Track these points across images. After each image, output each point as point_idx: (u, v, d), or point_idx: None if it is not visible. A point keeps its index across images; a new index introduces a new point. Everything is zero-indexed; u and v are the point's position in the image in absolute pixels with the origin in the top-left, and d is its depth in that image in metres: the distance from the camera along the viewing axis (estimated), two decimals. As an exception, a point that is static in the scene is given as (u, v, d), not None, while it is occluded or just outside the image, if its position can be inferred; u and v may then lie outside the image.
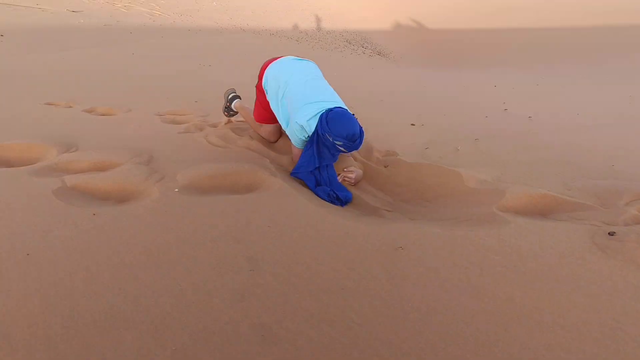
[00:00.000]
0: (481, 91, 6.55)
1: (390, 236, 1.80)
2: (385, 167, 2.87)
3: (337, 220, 1.97)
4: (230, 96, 3.49)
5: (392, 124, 3.87)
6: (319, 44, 12.35)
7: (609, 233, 1.75)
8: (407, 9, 18.00)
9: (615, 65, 9.29)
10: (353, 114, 2.53)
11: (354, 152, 3.03)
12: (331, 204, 2.33)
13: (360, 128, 2.44)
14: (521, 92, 6.32)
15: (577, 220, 1.94)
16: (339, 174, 2.67)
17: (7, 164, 2.49)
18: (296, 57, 2.90)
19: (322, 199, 2.38)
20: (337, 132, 2.35)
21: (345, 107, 2.57)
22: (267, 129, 3.09)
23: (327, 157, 2.53)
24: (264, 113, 3.00)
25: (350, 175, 2.66)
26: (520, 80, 7.95)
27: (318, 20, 15.46)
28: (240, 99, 3.50)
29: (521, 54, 12.29)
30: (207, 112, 3.99)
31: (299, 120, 2.48)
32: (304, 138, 2.57)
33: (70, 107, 3.84)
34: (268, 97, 2.84)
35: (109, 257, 1.59)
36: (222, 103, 4.12)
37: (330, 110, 2.45)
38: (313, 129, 2.47)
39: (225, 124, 3.55)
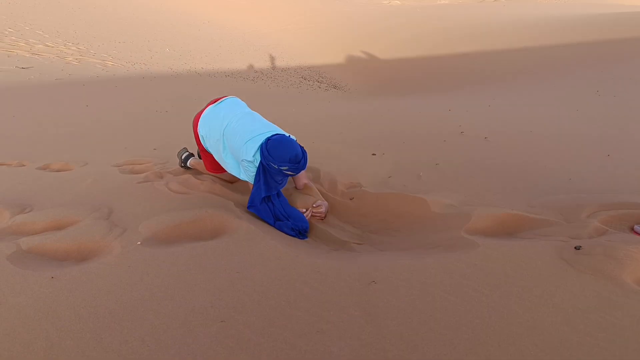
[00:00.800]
0: (437, 116, 6.73)
1: (361, 271, 1.78)
2: (350, 199, 2.88)
3: (307, 259, 1.94)
4: (183, 156, 3.53)
5: (353, 156, 3.90)
6: (274, 82, 12.51)
7: (575, 247, 1.79)
8: (358, 41, 18.55)
9: (561, 82, 9.76)
10: (290, 135, 2.59)
11: (319, 186, 3.04)
12: (297, 240, 2.31)
13: (302, 148, 2.49)
14: (475, 114, 6.52)
15: (544, 237, 1.98)
16: (307, 210, 2.69)
17: (-44, 231, 2.35)
18: (216, 102, 2.97)
19: (287, 234, 2.40)
20: (279, 158, 2.39)
21: (282, 132, 2.63)
22: (223, 177, 3.17)
23: (273, 185, 2.57)
24: (209, 161, 3.10)
25: (320, 209, 2.70)
26: (472, 102, 8.23)
27: (272, 58, 15.72)
28: (194, 155, 3.54)
29: (470, 77, 12.78)
30: (166, 159, 3.93)
31: (246, 158, 2.52)
32: (254, 174, 2.60)
33: (23, 165, 3.71)
34: (215, 156, 2.92)
35: (71, 322, 1.50)
36: (180, 149, 4.08)
37: (268, 139, 2.49)
38: (259, 161, 2.52)
39: None
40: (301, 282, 1.73)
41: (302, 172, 2.78)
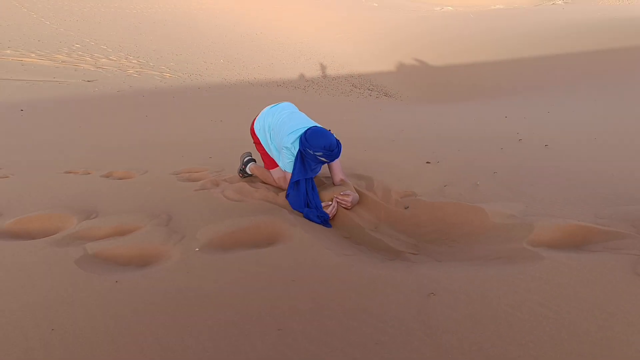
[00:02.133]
0: (492, 123, 6.54)
1: (419, 282, 1.73)
2: (405, 208, 2.83)
3: (363, 268, 1.92)
4: (245, 159, 3.68)
5: (406, 164, 3.84)
6: (325, 91, 12.59)
7: (650, 261, 1.67)
8: (409, 48, 18.37)
9: (626, 87, 9.25)
10: (329, 130, 2.94)
11: (372, 194, 3.01)
12: (351, 248, 2.29)
13: (337, 140, 2.87)
14: (533, 121, 6.29)
15: (614, 250, 1.86)
16: (333, 201, 2.90)
17: (29, 235, 2.49)
18: (272, 105, 3.41)
19: (313, 221, 2.71)
20: (316, 146, 2.77)
21: (321, 127, 2.98)
22: (276, 174, 3.32)
23: (308, 170, 2.90)
24: (269, 159, 3.37)
25: (346, 198, 2.89)
26: (530, 109, 7.94)
27: (323, 67, 15.83)
28: (255, 162, 3.68)
29: (527, 83, 12.34)
30: (222, 167, 4.02)
31: (286, 145, 2.93)
32: (292, 160, 2.96)
33: (89, 173, 3.90)
34: (265, 146, 3.34)
35: (131, 322, 1.55)
36: (235, 157, 4.16)
37: (307, 129, 2.90)
38: (297, 149, 2.91)
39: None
40: (357, 293, 1.70)
41: (339, 167, 3.11)
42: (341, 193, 2.92)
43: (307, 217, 2.75)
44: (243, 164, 3.66)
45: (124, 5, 17.54)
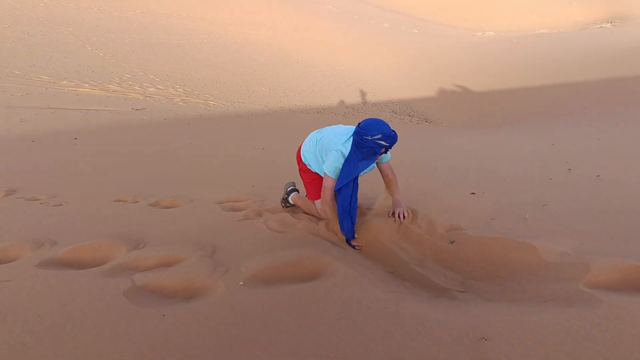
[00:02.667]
0: (539, 151, 6.36)
1: (470, 324, 1.67)
2: (451, 242, 2.75)
3: (410, 308, 1.87)
4: (288, 189, 3.71)
5: (450, 194, 3.76)
6: (365, 117, 12.62)
7: None
8: (449, 73, 18.26)
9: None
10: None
11: (416, 227, 2.96)
12: (397, 284, 2.25)
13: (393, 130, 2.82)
14: (583, 149, 6.07)
15: (681, 295, 1.74)
16: (393, 214, 3.06)
17: (80, 265, 2.58)
18: (317, 130, 3.38)
19: (346, 228, 2.87)
20: (373, 130, 2.72)
21: None
22: (319, 205, 3.32)
23: (360, 166, 2.86)
24: (314, 189, 3.36)
25: (403, 213, 3.02)
26: (579, 136, 7.68)
27: (363, 94, 15.92)
28: (298, 192, 3.71)
29: (575, 108, 11.99)
30: (264, 197, 4.07)
31: (336, 147, 2.87)
32: (340, 166, 2.88)
33: (137, 202, 4.02)
34: (310, 167, 3.32)
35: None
36: (277, 186, 4.20)
37: (359, 123, 2.83)
38: (349, 150, 2.85)
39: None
40: (404, 334, 1.66)
41: (388, 162, 3.17)
42: (395, 211, 3.03)
43: (341, 222, 2.87)
44: (286, 194, 3.69)
45: (172, 37, 18.30)
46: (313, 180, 3.37)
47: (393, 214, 3.06)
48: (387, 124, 2.79)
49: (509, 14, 35.45)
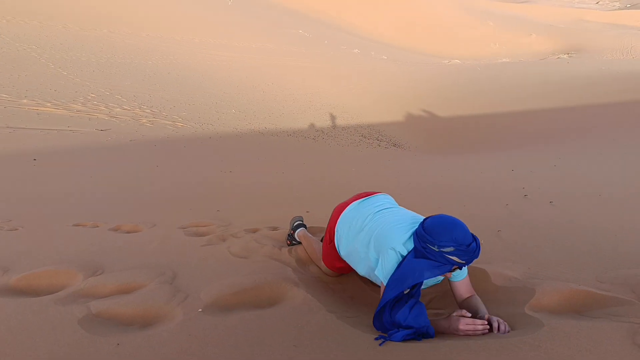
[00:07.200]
0: (499, 177, 6.58)
1: (420, 350, 1.72)
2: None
3: (364, 333, 1.91)
4: (295, 224, 3.27)
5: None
6: (334, 141, 12.77)
7: (650, 331, 1.66)
8: (417, 99, 18.71)
9: (632, 141, 9.32)
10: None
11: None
12: (358, 310, 2.27)
13: (473, 235, 1.99)
14: (539, 175, 6.32)
15: (614, 317, 1.85)
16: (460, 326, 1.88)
17: (34, 292, 2.52)
18: (364, 198, 2.58)
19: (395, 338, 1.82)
20: (443, 237, 1.89)
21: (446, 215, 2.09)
22: (329, 271, 2.75)
23: (425, 274, 1.93)
24: (334, 262, 2.65)
25: (476, 327, 1.85)
26: (536, 162, 7.99)
27: (333, 117, 16.11)
28: (306, 228, 3.27)
29: (534, 135, 12.47)
30: (229, 221, 4.06)
31: (395, 246, 2.03)
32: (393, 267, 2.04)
33: (97, 226, 3.96)
34: (346, 257, 2.48)
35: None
36: (244, 210, 4.21)
37: (424, 220, 2.04)
38: (408, 250, 2.02)
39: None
40: (357, 359, 1.70)
41: (466, 279, 2.20)
42: (492, 320, 1.89)
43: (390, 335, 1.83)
44: (292, 229, 3.27)
45: (140, 57, 18.17)
46: (332, 254, 2.63)
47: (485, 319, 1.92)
48: (465, 227, 1.97)
49: (473, 43, 36.76)
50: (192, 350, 1.81)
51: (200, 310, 2.19)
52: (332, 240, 2.62)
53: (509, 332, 1.83)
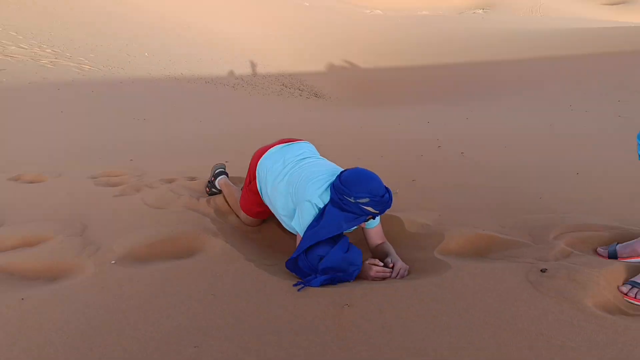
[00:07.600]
0: (415, 129, 6.82)
1: (336, 293, 1.79)
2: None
3: (283, 279, 1.95)
4: (217, 171, 3.18)
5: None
6: (255, 89, 12.51)
7: (541, 270, 1.84)
8: (339, 50, 18.66)
9: (538, 96, 10.00)
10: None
11: None
12: (277, 258, 2.31)
13: (386, 187, 2.09)
14: (453, 128, 6.64)
15: (512, 258, 2.04)
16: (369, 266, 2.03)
17: None
18: (286, 143, 2.63)
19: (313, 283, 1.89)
20: (358, 188, 1.97)
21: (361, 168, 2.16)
22: (248, 219, 2.76)
23: (333, 228, 2.00)
24: (253, 207, 2.67)
25: (385, 274, 2.00)
26: (452, 115, 8.36)
27: (253, 65, 15.69)
28: (228, 176, 3.20)
29: (450, 89, 12.99)
30: (144, 171, 3.88)
31: (311, 199, 2.08)
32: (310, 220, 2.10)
33: (-6, 176, 3.63)
34: (267, 200, 2.50)
35: (40, 347, 1.49)
36: (159, 159, 4.04)
37: (341, 173, 2.11)
38: (325, 203, 2.09)
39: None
40: (277, 305, 1.74)
41: (378, 226, 2.30)
42: (396, 265, 2.03)
43: (308, 281, 1.90)
44: (213, 176, 3.19)
45: (38, -10, 16.36)
46: (252, 199, 2.65)
47: (388, 264, 2.06)
48: (379, 179, 2.08)
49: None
50: (105, 303, 1.75)
51: (113, 262, 2.11)
52: (251, 181, 2.63)
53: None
